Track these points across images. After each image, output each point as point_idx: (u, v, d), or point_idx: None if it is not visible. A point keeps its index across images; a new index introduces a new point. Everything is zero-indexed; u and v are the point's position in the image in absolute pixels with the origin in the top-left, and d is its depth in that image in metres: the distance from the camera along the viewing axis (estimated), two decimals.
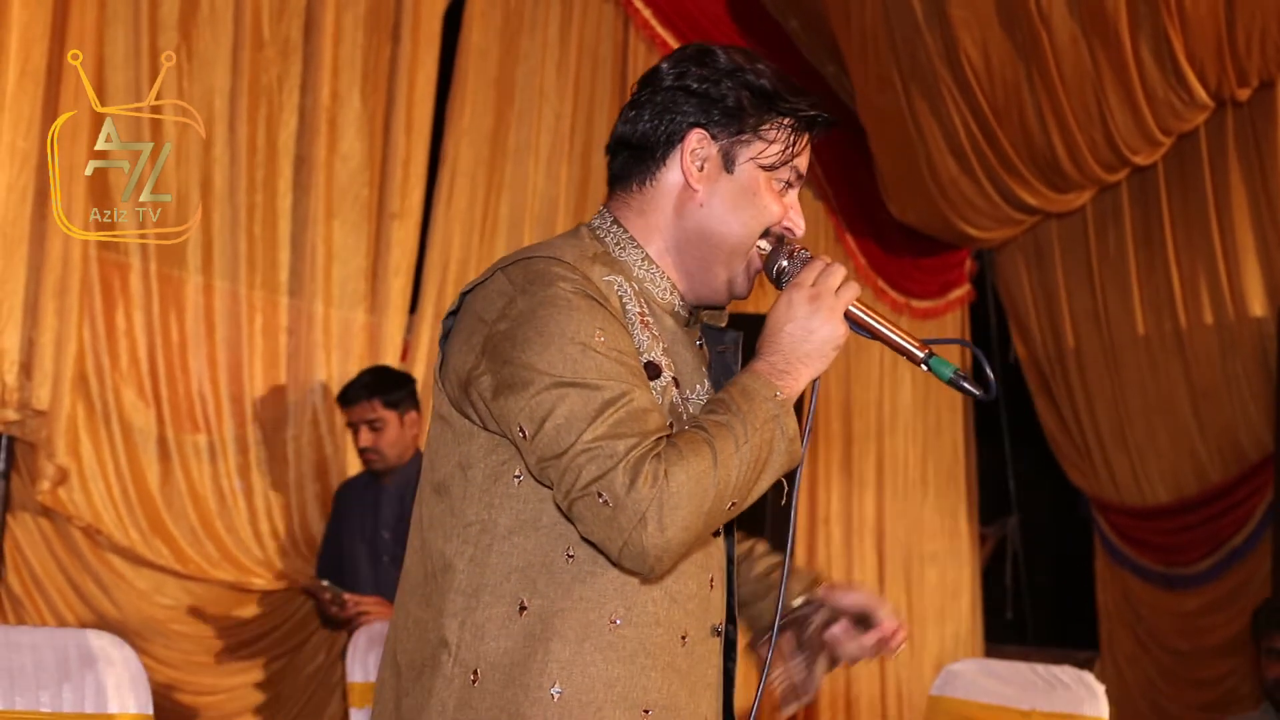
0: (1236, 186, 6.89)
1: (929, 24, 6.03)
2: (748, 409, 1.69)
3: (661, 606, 1.76)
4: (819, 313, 1.79)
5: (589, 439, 1.62)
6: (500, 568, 1.73)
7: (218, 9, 4.59)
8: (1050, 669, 4.02)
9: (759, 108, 1.85)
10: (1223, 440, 6.98)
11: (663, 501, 1.59)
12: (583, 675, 1.70)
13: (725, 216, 1.85)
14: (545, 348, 1.66)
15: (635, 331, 1.76)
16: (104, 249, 4.35)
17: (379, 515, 4.40)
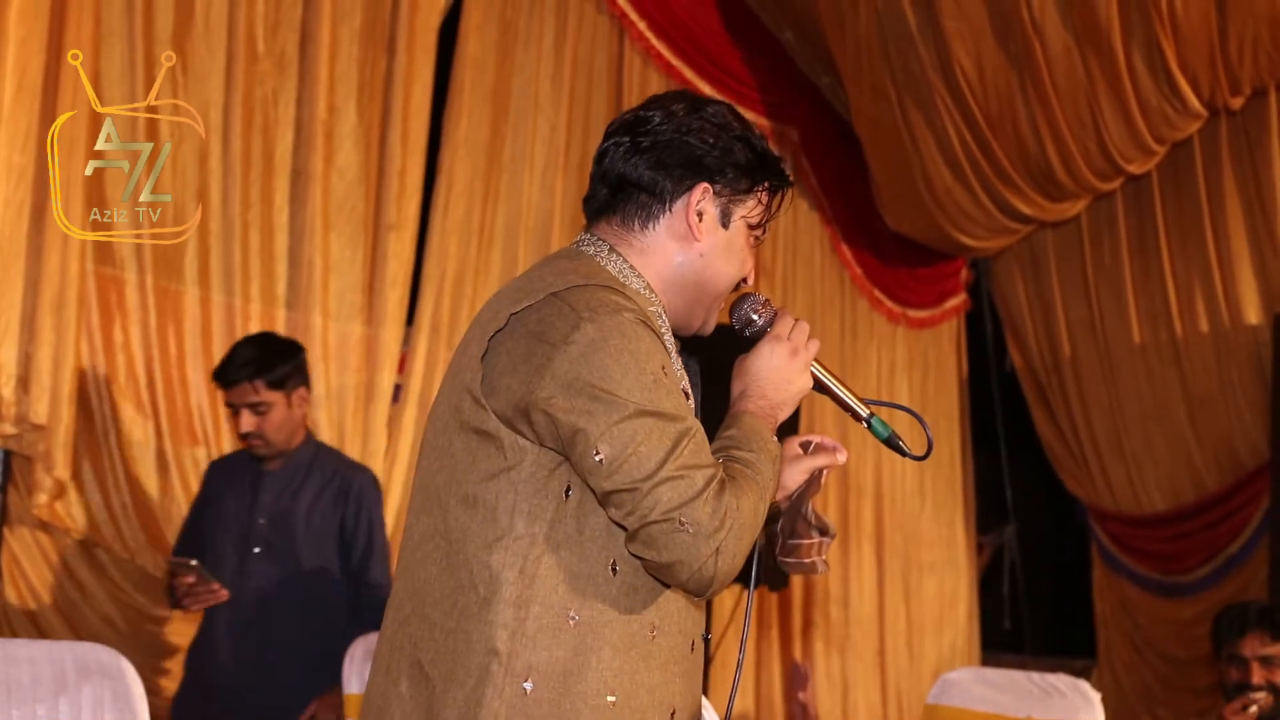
0: (1231, 194, 6.91)
1: (923, 35, 6.06)
2: (760, 449, 1.88)
3: (680, 617, 1.91)
4: (795, 365, 1.99)
5: (672, 469, 1.75)
6: (549, 579, 1.82)
7: (212, 23, 4.60)
8: (1046, 677, 4.03)
9: (756, 170, 2.00)
10: (1219, 448, 6.99)
11: (733, 533, 1.76)
12: (631, 682, 1.83)
13: (718, 266, 2.00)
14: (624, 376, 1.77)
15: (674, 359, 1.93)
16: (100, 262, 4.35)
17: (256, 500, 3.94)
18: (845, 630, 7.09)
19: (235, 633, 3.83)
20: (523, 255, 5.51)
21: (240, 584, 3.82)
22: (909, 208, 6.90)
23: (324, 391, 4.83)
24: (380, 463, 4.98)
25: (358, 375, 4.95)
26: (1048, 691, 3.99)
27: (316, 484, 3.97)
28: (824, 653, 6.97)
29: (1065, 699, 3.96)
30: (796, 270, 7.04)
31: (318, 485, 3.97)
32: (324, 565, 3.93)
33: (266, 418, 3.90)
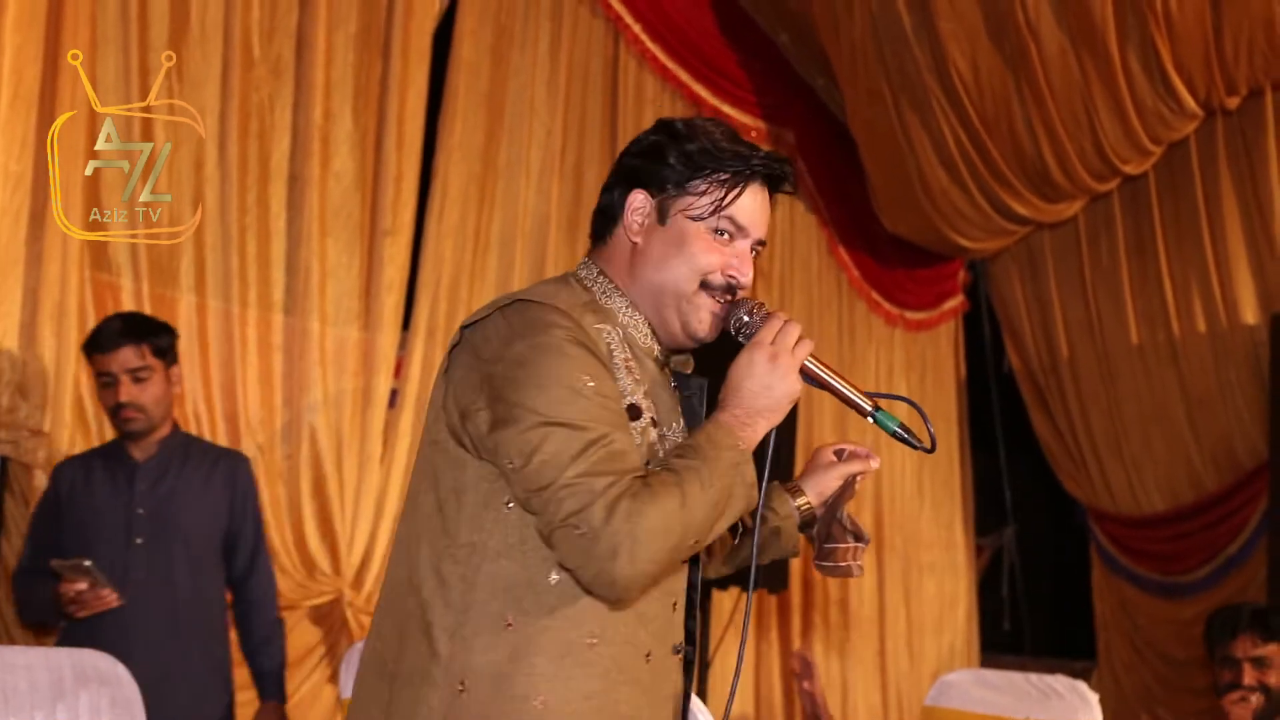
0: (1227, 195, 6.92)
1: (918, 37, 6.06)
2: (714, 456, 1.87)
3: (631, 627, 1.93)
4: (776, 370, 1.95)
5: (571, 475, 1.79)
6: (489, 587, 1.89)
7: (208, 29, 4.60)
8: (1044, 678, 4.03)
9: (689, 166, 2.02)
10: (1217, 448, 7.00)
11: (634, 536, 1.76)
12: (564, 688, 1.87)
13: (659, 264, 2.03)
14: (539, 390, 1.84)
15: (620, 377, 1.94)
16: (96, 269, 4.35)
17: (133, 491, 3.70)
18: (845, 633, 7.09)
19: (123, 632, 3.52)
20: (519, 260, 5.51)
21: (123, 579, 3.57)
22: (905, 209, 6.90)
23: (321, 396, 4.83)
24: (377, 467, 4.98)
25: (354, 380, 4.95)
26: (1046, 693, 3.98)
27: (199, 470, 3.80)
28: (823, 655, 6.97)
29: (1064, 700, 3.96)
30: (794, 272, 7.05)
31: (201, 471, 3.80)
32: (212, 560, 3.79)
33: (146, 387, 3.67)
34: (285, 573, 4.71)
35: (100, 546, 3.63)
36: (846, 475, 2.22)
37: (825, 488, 2.24)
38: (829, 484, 2.24)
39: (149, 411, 3.68)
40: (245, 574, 3.87)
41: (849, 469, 2.23)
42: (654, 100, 6.23)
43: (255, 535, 3.88)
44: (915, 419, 2.13)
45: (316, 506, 4.83)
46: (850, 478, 2.23)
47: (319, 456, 4.83)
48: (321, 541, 4.82)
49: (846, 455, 2.25)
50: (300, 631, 4.80)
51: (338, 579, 4.84)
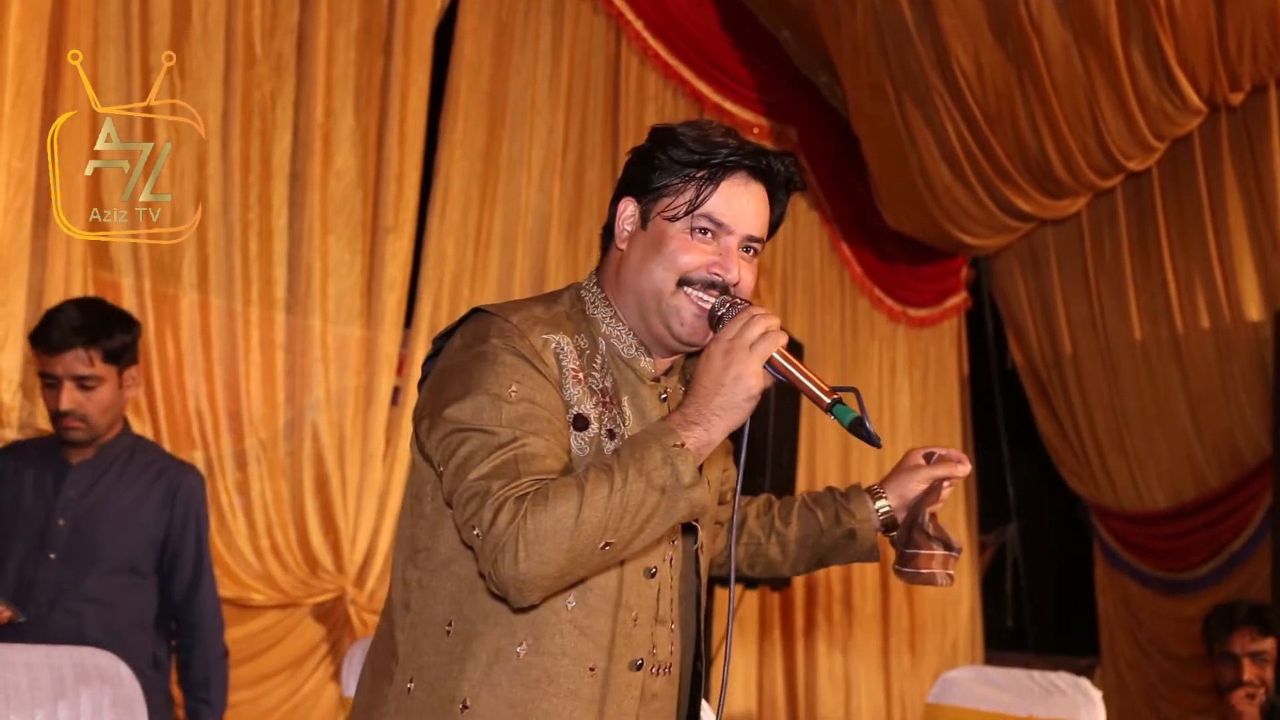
0: (1231, 191, 6.91)
1: (920, 32, 6.05)
2: (635, 456, 1.81)
3: (569, 639, 1.90)
4: (731, 366, 1.86)
5: (473, 478, 1.80)
6: (438, 591, 1.93)
7: (210, 27, 4.60)
8: (1047, 675, 4.02)
9: (667, 167, 2.00)
10: (1220, 445, 6.99)
11: (520, 538, 1.74)
12: (490, 695, 1.88)
13: (639, 267, 2.00)
14: (462, 397, 1.86)
15: (566, 386, 1.93)
16: (98, 267, 4.35)
17: (57, 499, 3.32)
18: (848, 630, 7.09)
19: None
20: (520, 257, 5.51)
21: (27, 594, 3.24)
22: (908, 206, 6.89)
23: (323, 394, 4.83)
24: (379, 465, 4.99)
25: (357, 378, 4.95)
26: (1049, 690, 3.98)
27: (138, 482, 3.41)
28: (826, 652, 6.97)
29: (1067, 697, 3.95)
30: (796, 270, 7.04)
31: (140, 483, 3.41)
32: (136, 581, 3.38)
33: (93, 395, 3.28)
34: (288, 570, 4.71)
35: (13, 554, 3.30)
36: (932, 479, 2.18)
37: (909, 491, 2.21)
38: (913, 487, 2.20)
39: (92, 421, 3.31)
40: (186, 598, 3.46)
41: (935, 473, 2.19)
42: (656, 98, 6.22)
43: (197, 556, 3.47)
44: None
45: (319, 504, 4.83)
46: (937, 482, 2.17)
47: (321, 454, 4.83)
48: (324, 539, 4.82)
49: (936, 459, 2.21)
50: (303, 629, 4.81)
51: (340, 577, 4.84)
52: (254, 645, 4.68)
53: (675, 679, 2.05)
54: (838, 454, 7.13)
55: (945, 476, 2.18)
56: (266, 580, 4.65)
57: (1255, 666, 4.15)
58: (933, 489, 2.17)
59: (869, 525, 2.24)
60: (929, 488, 2.17)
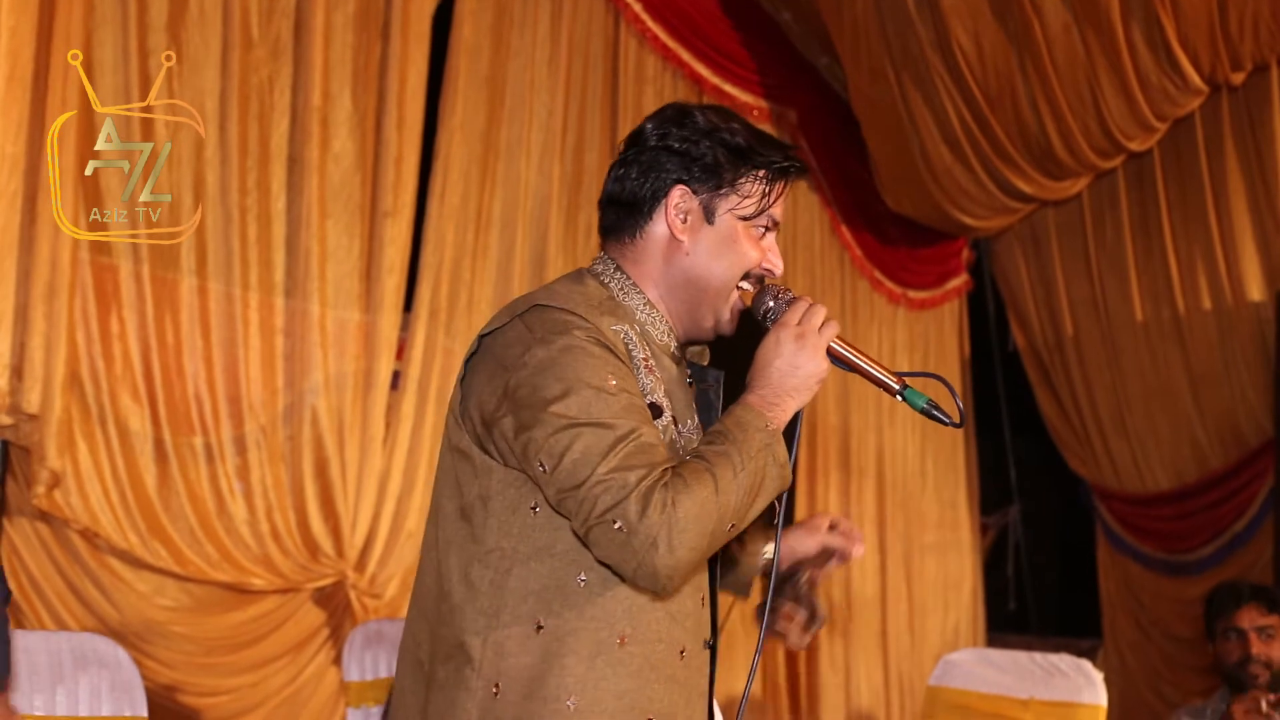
0: (1233, 171, 6.88)
1: (920, 13, 6.03)
2: (743, 439, 1.87)
3: (663, 625, 1.95)
4: (804, 350, 1.97)
5: (603, 472, 1.80)
6: (519, 591, 1.92)
7: (207, 10, 4.58)
8: (1049, 657, 4.03)
9: (734, 163, 2.04)
10: (1222, 426, 6.97)
11: (671, 526, 1.77)
12: (595, 688, 1.90)
13: (709, 263, 2.04)
14: (564, 393, 1.85)
15: (640, 375, 1.97)
16: (96, 252, 4.34)
17: None
18: (846, 613, 7.09)
19: None
20: (520, 240, 5.50)
21: None
22: (909, 188, 6.87)
23: (322, 379, 4.82)
24: (379, 449, 4.98)
25: (356, 363, 4.94)
26: (1050, 672, 3.98)
27: None
28: (826, 636, 6.97)
29: (1068, 679, 3.96)
30: (796, 252, 7.02)
31: None
32: None
33: None
34: (288, 555, 4.72)
35: None
36: (826, 546, 2.23)
37: (800, 547, 2.27)
38: (806, 546, 2.26)
39: None
40: None
41: (830, 542, 2.24)
42: (655, 80, 6.20)
43: None
44: (942, 395, 2.11)
45: (319, 489, 4.83)
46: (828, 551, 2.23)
47: (321, 439, 4.83)
48: (324, 524, 4.82)
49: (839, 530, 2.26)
50: (304, 614, 4.82)
51: (340, 561, 4.84)
52: (254, 630, 4.69)
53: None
54: (838, 434, 7.13)
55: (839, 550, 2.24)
56: (266, 565, 4.65)
57: (1262, 643, 4.14)
58: (823, 555, 2.24)
59: (752, 563, 2.31)
60: (819, 553, 2.24)
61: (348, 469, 4.88)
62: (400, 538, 5.02)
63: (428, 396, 5.11)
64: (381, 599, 4.92)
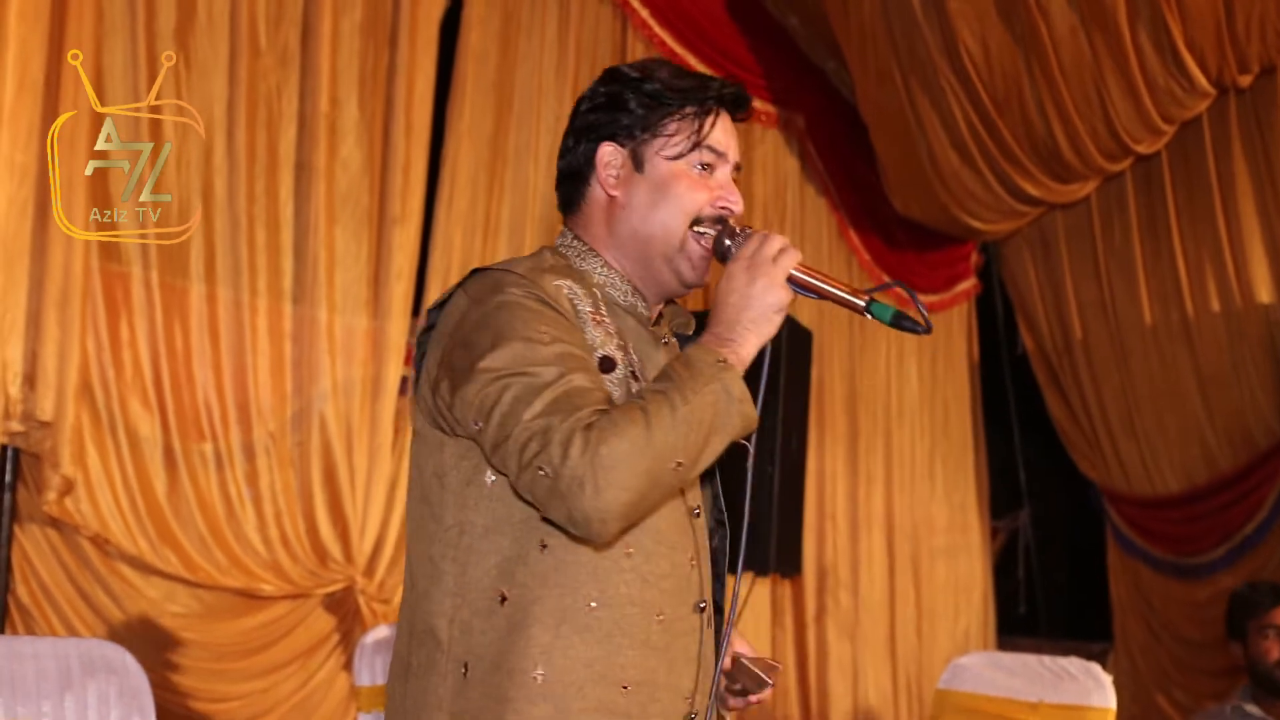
0: (1241, 173, 6.88)
1: (927, 17, 6.04)
2: (687, 375, 1.78)
3: (634, 588, 1.85)
4: (756, 280, 1.87)
5: (528, 419, 1.73)
6: (481, 565, 1.85)
7: (215, 18, 4.60)
8: (1057, 660, 4.02)
9: (657, 107, 1.99)
10: (1232, 428, 6.97)
11: (595, 466, 1.68)
12: (563, 657, 1.81)
13: (646, 214, 1.98)
14: (494, 347, 1.79)
15: (588, 329, 1.89)
16: (106, 260, 4.35)
17: None
18: (855, 616, 7.09)
19: None
20: (529, 246, 5.50)
21: None
22: (917, 191, 6.87)
23: (330, 385, 4.83)
24: (388, 455, 4.99)
25: (364, 368, 4.95)
26: (1059, 675, 3.98)
27: None
28: (835, 639, 6.96)
29: (1077, 682, 3.95)
30: (804, 255, 7.01)
31: None
32: None
33: None
34: (297, 560, 4.72)
35: None
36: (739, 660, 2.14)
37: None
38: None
39: None
40: None
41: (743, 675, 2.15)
42: None
43: None
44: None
45: (328, 494, 4.83)
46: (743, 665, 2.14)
47: (329, 444, 4.83)
48: (333, 529, 4.83)
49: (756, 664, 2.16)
50: (314, 619, 4.82)
51: (350, 567, 4.85)
52: (264, 636, 4.69)
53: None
54: (846, 437, 7.13)
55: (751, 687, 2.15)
56: (276, 571, 4.66)
57: None
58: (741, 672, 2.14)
59: None
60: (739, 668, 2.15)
61: (356, 475, 4.89)
62: None
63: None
64: (390, 604, 4.93)
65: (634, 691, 1.84)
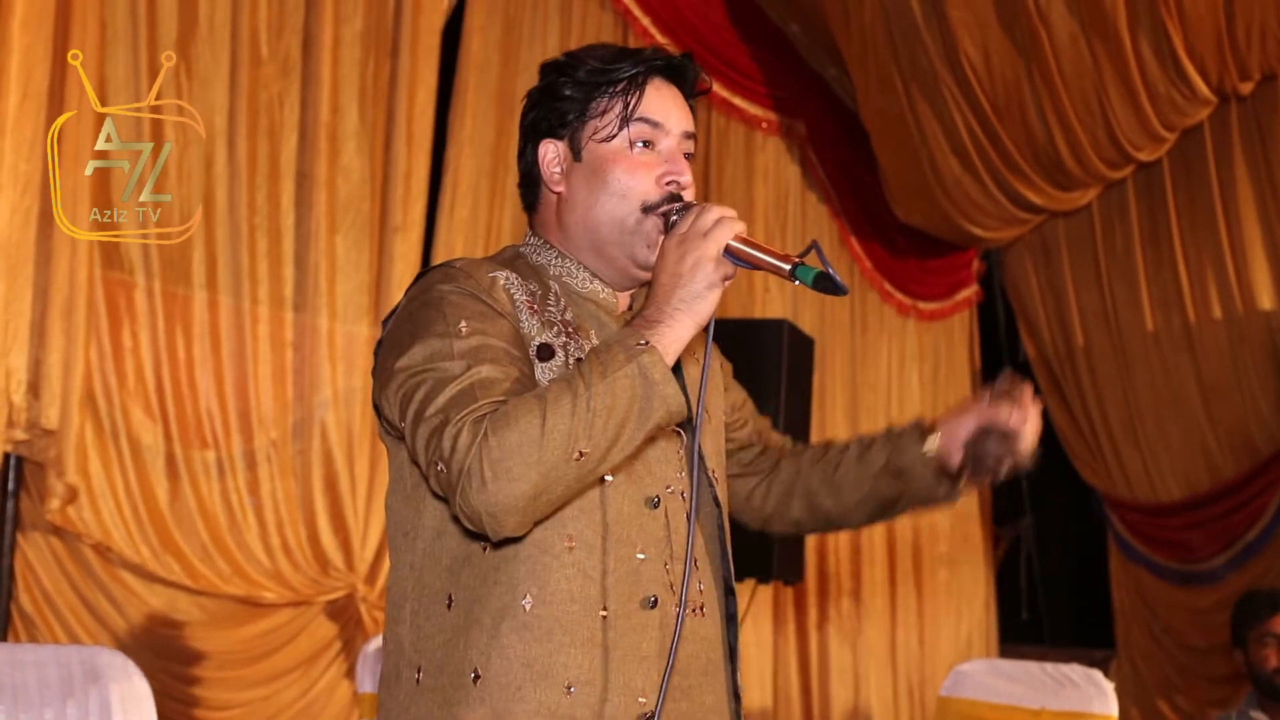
0: (1242, 180, 6.89)
1: (928, 25, 6.04)
2: (598, 361, 1.69)
3: (575, 583, 1.77)
4: (685, 256, 1.75)
5: (430, 413, 1.69)
6: (433, 568, 1.81)
7: (216, 27, 4.61)
8: (1060, 667, 4.02)
9: (585, 90, 1.92)
10: (1234, 435, 6.97)
11: (484, 458, 1.62)
12: (500, 658, 1.74)
13: (588, 201, 1.90)
14: (410, 345, 1.76)
15: (522, 318, 1.84)
16: (109, 268, 4.36)
17: None
18: (857, 623, 7.09)
19: None
20: None
21: None
22: (918, 199, 6.88)
23: (331, 394, 4.83)
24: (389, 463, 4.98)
25: (365, 377, 4.95)
26: (1061, 682, 3.97)
27: None
28: (838, 646, 6.96)
29: (1079, 689, 3.95)
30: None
31: None
32: None
33: None
34: (298, 568, 4.73)
35: None
36: (986, 420, 2.02)
37: (960, 431, 2.08)
38: (965, 428, 2.07)
39: None
40: None
41: (993, 417, 2.03)
42: None
43: None
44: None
45: (329, 502, 4.84)
46: (992, 426, 2.01)
47: (331, 453, 4.84)
48: (334, 537, 4.83)
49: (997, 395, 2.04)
50: (316, 627, 4.82)
51: (351, 574, 4.85)
52: (266, 644, 4.70)
53: (715, 620, 1.91)
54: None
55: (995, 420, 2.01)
56: (277, 579, 4.67)
57: None
58: (991, 434, 2.02)
59: (919, 465, 2.13)
60: (988, 433, 2.02)
61: (357, 483, 4.90)
62: None
63: None
64: None
65: (580, 692, 1.75)
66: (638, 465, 1.84)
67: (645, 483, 1.85)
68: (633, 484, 1.83)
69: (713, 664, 1.89)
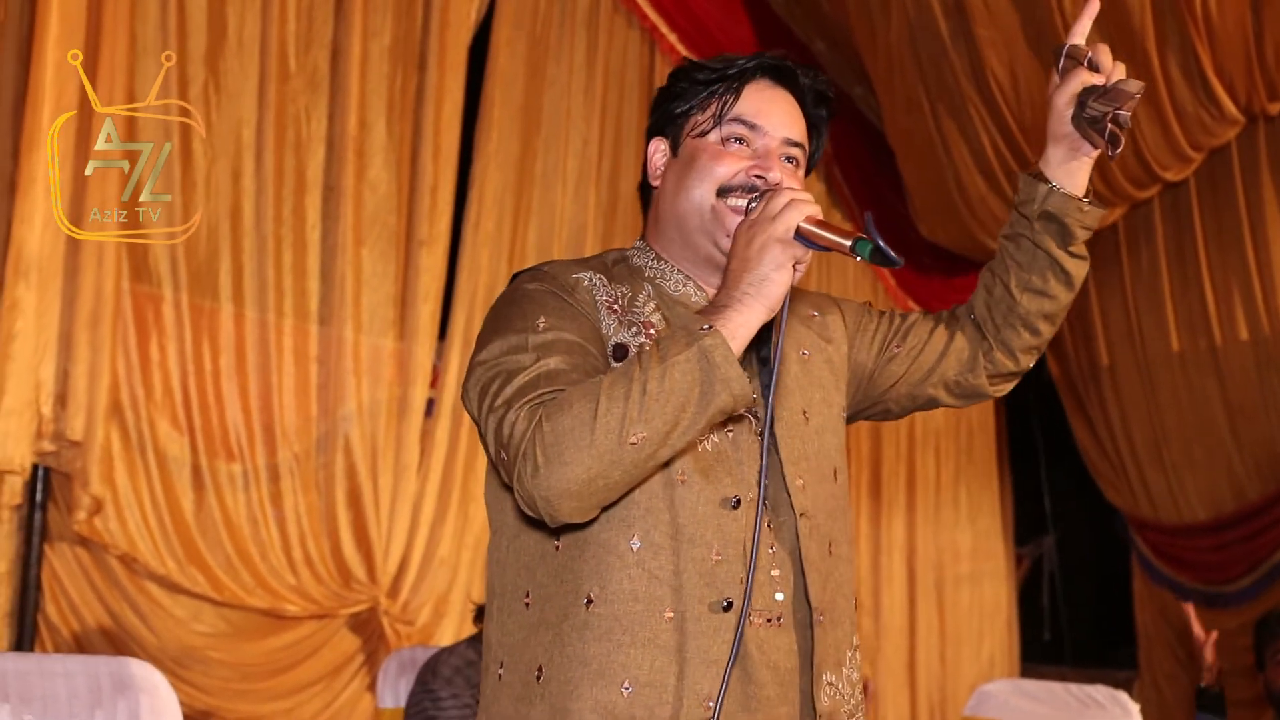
0: (1269, 201, 6.85)
1: (955, 44, 6.04)
2: (658, 348, 1.68)
3: (639, 583, 1.75)
4: (754, 240, 1.74)
5: (497, 404, 1.72)
6: (513, 565, 1.85)
7: (245, 42, 4.64)
8: (1084, 688, 4.00)
9: (684, 94, 1.98)
10: (1260, 457, 6.92)
11: (539, 443, 1.64)
12: (560, 655, 1.75)
13: (675, 191, 1.95)
14: (490, 340, 1.81)
15: (603, 317, 1.87)
16: (136, 281, 4.39)
17: None
18: (876, 642, 7.06)
19: None
20: None
21: None
22: (943, 217, 6.87)
23: (356, 406, 4.84)
24: (413, 477, 5.00)
25: (390, 390, 4.97)
26: (1085, 703, 3.95)
27: None
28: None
29: (1104, 710, 3.93)
30: (830, 281, 7.03)
31: None
32: None
33: None
34: (321, 582, 4.73)
35: None
36: (1069, 95, 1.96)
37: (1060, 129, 2.04)
38: (1061, 122, 2.01)
39: None
40: None
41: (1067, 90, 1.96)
42: None
43: None
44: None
45: (352, 516, 4.85)
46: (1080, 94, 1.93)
47: (354, 466, 4.85)
48: (357, 550, 4.84)
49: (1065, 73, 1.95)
50: (338, 640, 4.83)
51: (374, 588, 4.85)
52: (289, 656, 4.70)
53: (791, 631, 1.83)
54: (869, 463, 7.11)
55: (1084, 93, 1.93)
56: (300, 592, 4.67)
57: None
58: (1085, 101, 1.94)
59: (1058, 198, 2.09)
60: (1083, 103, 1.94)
61: (381, 496, 4.90)
62: (433, 565, 5.03)
63: (461, 424, 5.13)
64: (414, 625, 4.94)
65: (637, 693, 1.73)
66: (717, 466, 1.81)
67: (724, 484, 1.81)
68: (709, 484, 1.80)
69: (789, 676, 1.83)
